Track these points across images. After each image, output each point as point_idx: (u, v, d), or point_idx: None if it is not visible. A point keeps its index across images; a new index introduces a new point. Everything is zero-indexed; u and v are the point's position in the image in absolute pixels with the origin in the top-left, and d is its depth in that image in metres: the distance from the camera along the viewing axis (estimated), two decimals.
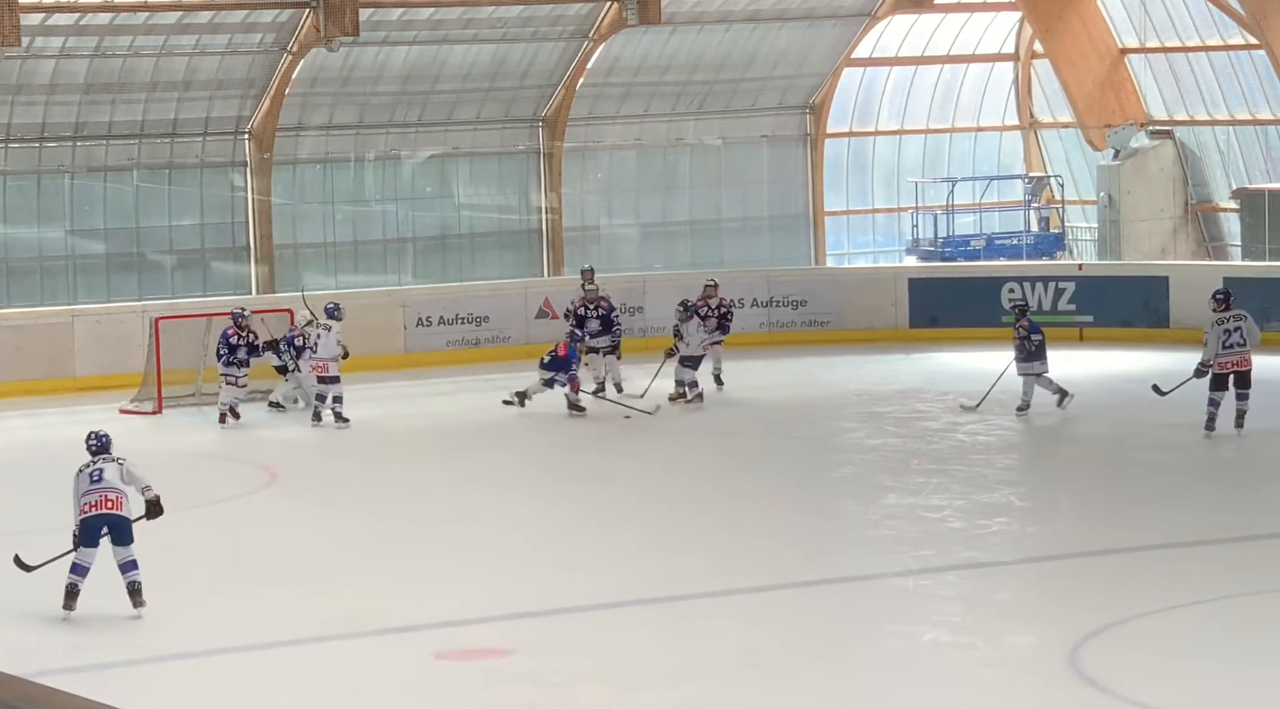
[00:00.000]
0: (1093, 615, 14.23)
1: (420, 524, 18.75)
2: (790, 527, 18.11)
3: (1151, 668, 13.09)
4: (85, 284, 31.20)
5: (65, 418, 25.56)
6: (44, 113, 30.65)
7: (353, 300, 28.97)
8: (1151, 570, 16.03)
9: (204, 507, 19.80)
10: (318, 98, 32.51)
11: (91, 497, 14.81)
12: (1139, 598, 14.88)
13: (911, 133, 37.95)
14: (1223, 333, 21.95)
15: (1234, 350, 21.92)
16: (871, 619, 14.65)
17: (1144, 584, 15.45)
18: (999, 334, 30.18)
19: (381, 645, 14.08)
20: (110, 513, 14.80)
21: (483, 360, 28.79)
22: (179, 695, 12.72)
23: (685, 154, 35.93)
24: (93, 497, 14.81)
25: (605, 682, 12.88)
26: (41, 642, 14.06)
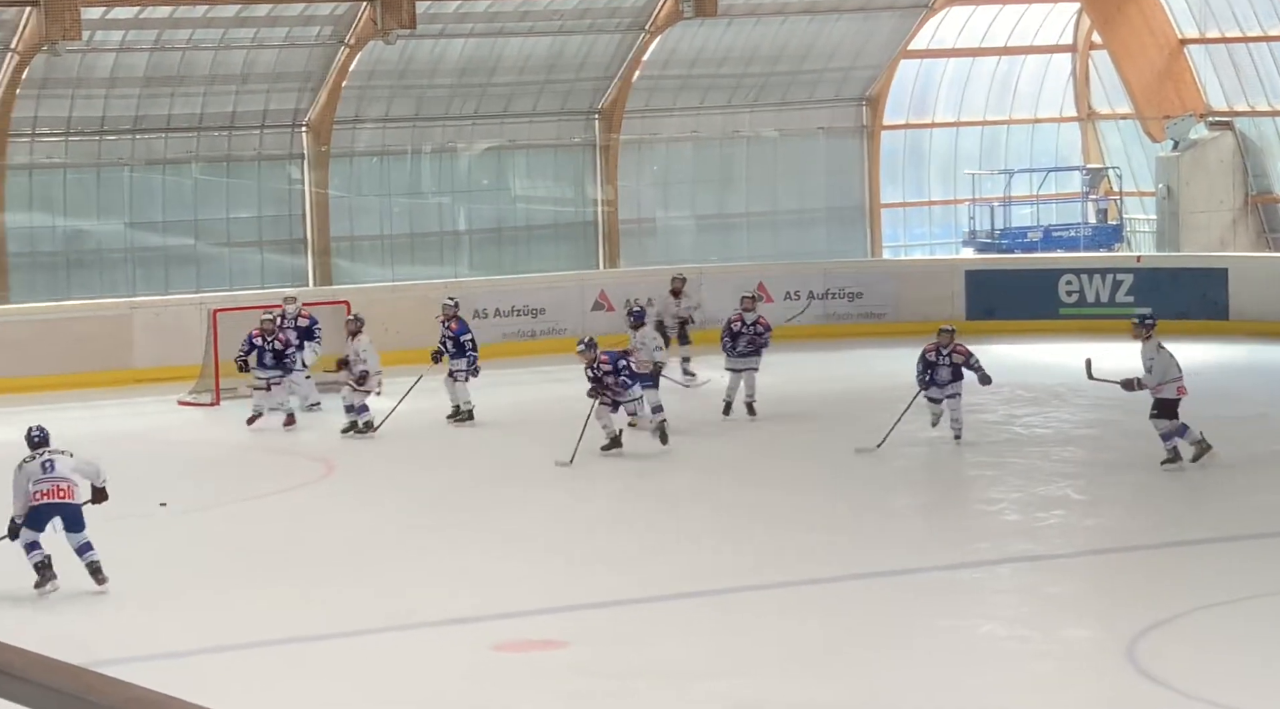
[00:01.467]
0: (1150, 609, 14.19)
1: (475, 517, 18.81)
2: (844, 519, 18.11)
3: (1210, 662, 13.05)
4: (144, 276, 31.35)
5: (124, 410, 25.75)
6: (104, 106, 30.82)
7: (408, 292, 29.08)
8: (1209, 564, 15.97)
9: (261, 498, 19.94)
10: (374, 90, 32.60)
11: (44, 486, 15.47)
12: (1197, 591, 14.83)
13: (968, 124, 37.82)
14: (1171, 355, 20.27)
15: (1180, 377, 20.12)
16: (926, 612, 14.65)
17: (1202, 578, 15.39)
18: (1056, 326, 30.18)
19: (441, 637, 14.17)
20: (63, 502, 15.48)
21: (538, 352, 28.86)
22: (239, 685, 12.80)
23: (741, 146, 35.90)
24: (45, 486, 15.47)
25: (660, 674, 12.92)
26: (98, 630, 14.16)
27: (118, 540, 17.83)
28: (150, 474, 21.59)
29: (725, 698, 12.29)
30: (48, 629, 13.95)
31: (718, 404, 23.89)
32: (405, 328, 27.08)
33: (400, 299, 29.03)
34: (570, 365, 26.32)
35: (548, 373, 26.79)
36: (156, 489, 20.59)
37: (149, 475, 21.49)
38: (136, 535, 18.15)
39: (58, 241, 30.87)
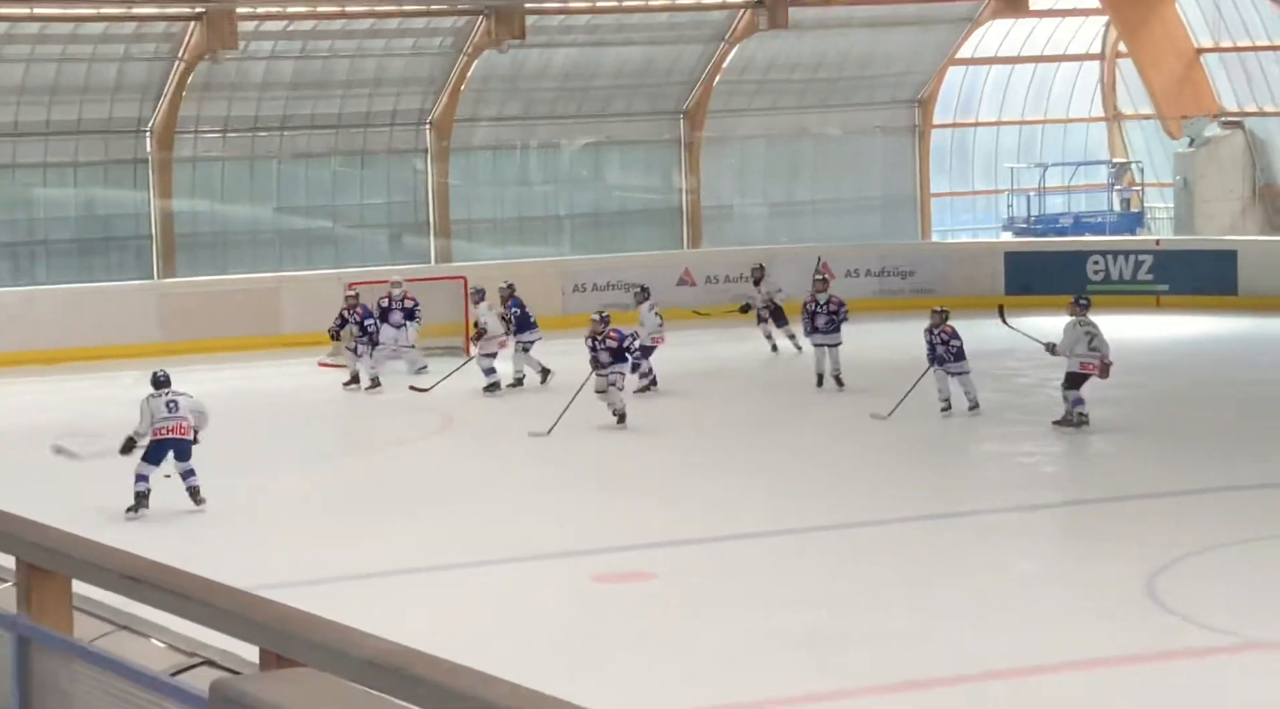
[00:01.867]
0: (1169, 549, 14.06)
1: (576, 463, 18.81)
2: (899, 470, 18.02)
3: (1223, 596, 12.92)
4: (289, 254, 31.49)
5: (273, 369, 25.91)
6: (256, 107, 30.96)
7: (518, 269, 29.09)
8: (1222, 509, 15.80)
9: (389, 447, 20.02)
10: (489, 93, 32.61)
11: (168, 423, 15.87)
12: (1211, 534, 14.67)
13: (1008, 124, 37.49)
14: (1085, 334, 19.94)
15: (1096, 353, 19.81)
16: (972, 551, 14.57)
17: (1216, 522, 15.22)
18: None
19: (545, 569, 14.18)
20: (180, 438, 15.96)
21: (631, 322, 28.75)
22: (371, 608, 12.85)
23: (808, 142, 35.70)
24: (169, 423, 15.88)
25: (742, 605, 12.88)
26: (254, 559, 14.26)
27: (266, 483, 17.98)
28: (295, 424, 21.73)
29: (802, 626, 12.23)
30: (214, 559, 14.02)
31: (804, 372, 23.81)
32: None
33: (510, 275, 29.01)
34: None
35: None
36: (302, 437, 20.73)
37: (294, 425, 21.63)
38: (281, 478, 18.29)
39: (216, 224, 31.06)
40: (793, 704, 10.77)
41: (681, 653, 11.73)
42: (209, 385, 24.40)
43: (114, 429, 17.52)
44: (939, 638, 11.94)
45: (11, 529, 5.39)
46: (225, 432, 21.00)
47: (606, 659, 11.62)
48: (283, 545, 15.00)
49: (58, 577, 5.15)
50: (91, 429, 18.84)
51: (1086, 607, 12.82)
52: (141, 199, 30.27)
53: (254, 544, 14.97)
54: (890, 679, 11.06)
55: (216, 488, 16.91)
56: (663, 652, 11.77)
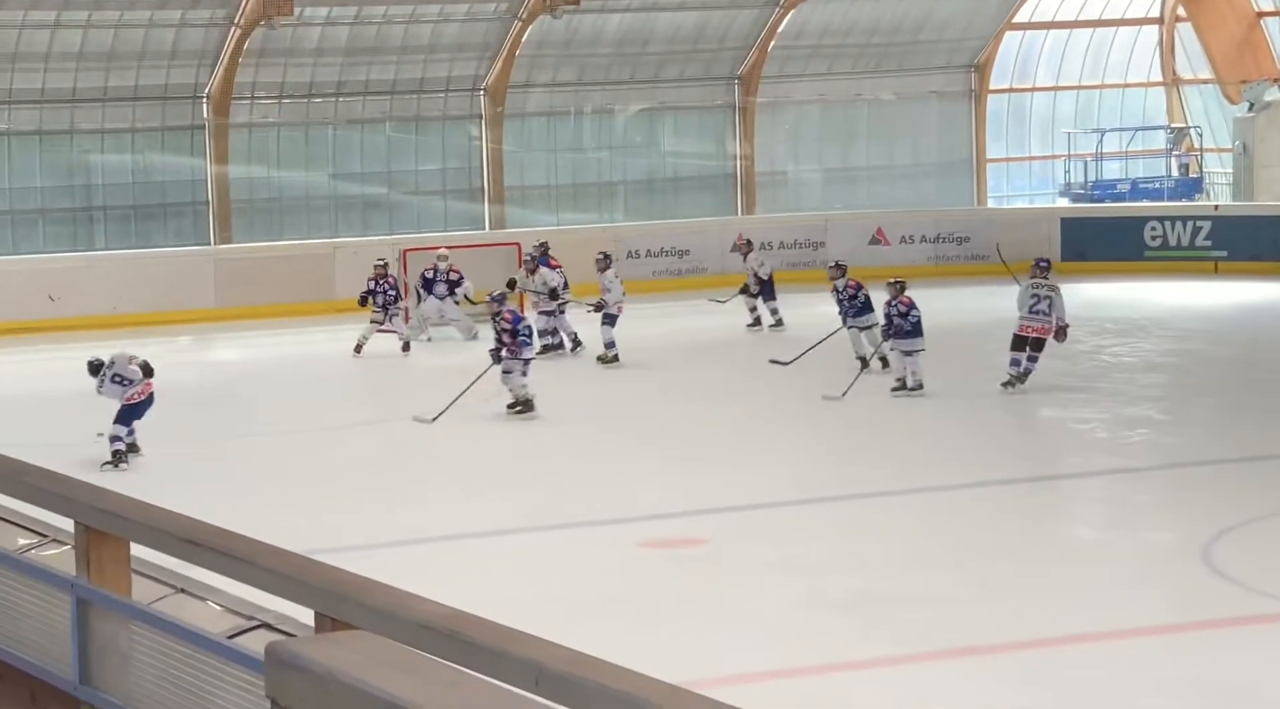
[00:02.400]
0: (1223, 517, 14.01)
1: (622, 430, 18.85)
2: (951, 436, 17.98)
3: (1275, 563, 12.86)
4: (344, 220, 31.63)
5: (327, 334, 26.03)
6: (311, 73, 31.05)
7: (571, 235, 29.11)
8: (1278, 478, 15.71)
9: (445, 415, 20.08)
10: (543, 59, 32.61)
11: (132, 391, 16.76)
12: (1267, 500, 14.61)
13: (1065, 89, 37.24)
14: (1031, 297, 20.12)
15: (1037, 317, 19.95)
16: (1026, 517, 14.55)
17: (1272, 489, 15.15)
18: (1141, 267, 29.73)
19: (596, 535, 14.24)
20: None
21: (684, 289, 28.83)
22: (421, 575, 12.93)
23: (863, 108, 35.57)
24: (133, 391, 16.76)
25: (791, 569, 12.91)
26: (310, 525, 14.36)
27: (325, 448, 18.10)
28: (348, 390, 21.85)
29: (851, 590, 12.26)
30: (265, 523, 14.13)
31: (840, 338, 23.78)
32: (568, 264, 27.09)
33: (564, 240, 29.06)
34: (703, 301, 26.33)
35: (693, 305, 26.76)
36: (354, 403, 20.84)
37: (347, 391, 21.75)
38: (333, 443, 18.40)
39: (272, 190, 31.20)
40: (843, 669, 10.80)
41: (730, 618, 11.77)
42: (264, 350, 24.65)
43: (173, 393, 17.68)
44: (990, 604, 11.94)
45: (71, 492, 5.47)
46: (279, 397, 21.17)
47: (655, 624, 11.68)
48: (335, 510, 15.10)
49: (117, 540, 5.22)
50: None
51: (1142, 574, 12.80)
52: (198, 165, 30.44)
53: (307, 509, 15.08)
54: (939, 645, 11.08)
55: (270, 452, 17.04)
56: (711, 617, 11.82)
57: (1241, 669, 10.68)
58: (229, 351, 25.46)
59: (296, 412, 20.03)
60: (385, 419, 19.73)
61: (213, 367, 24.36)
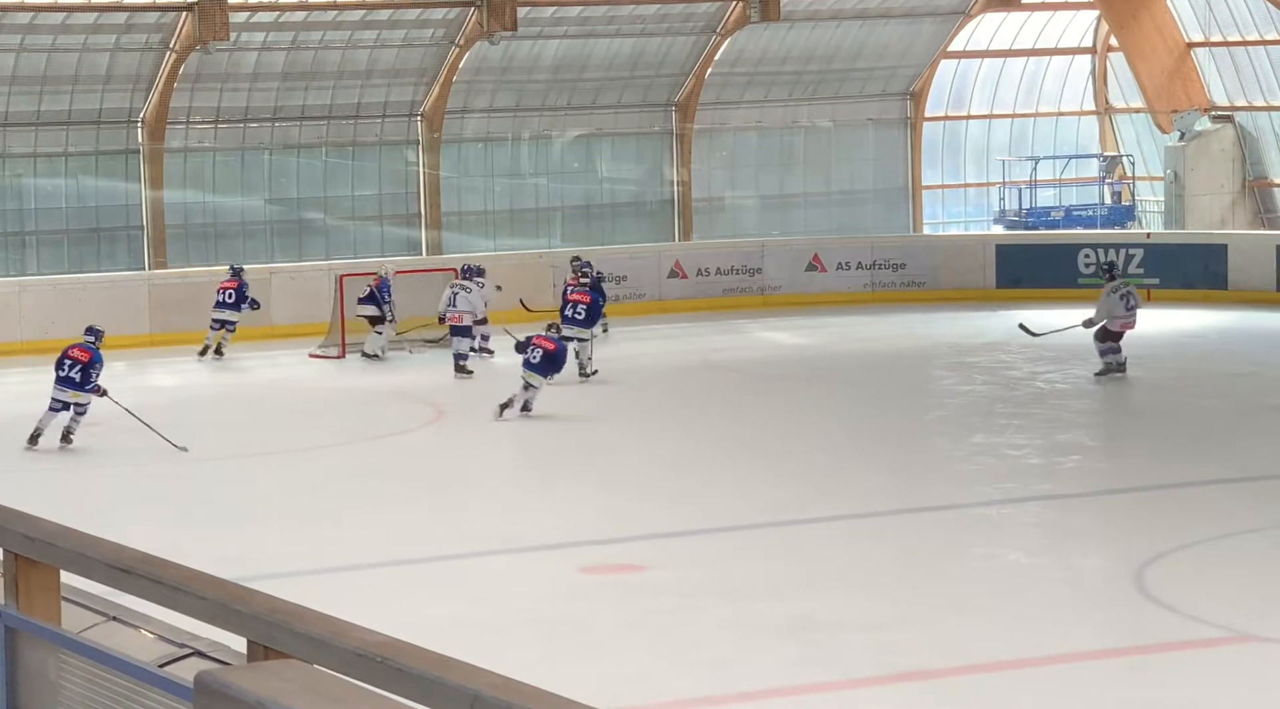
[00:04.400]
0: (1156, 542, 14.08)
1: (565, 456, 18.82)
2: (889, 461, 18.03)
3: (1207, 588, 12.94)
4: (280, 245, 31.48)
5: (263, 361, 25.89)
6: (248, 98, 30.93)
7: (509, 261, 29.09)
8: (1211, 502, 15.83)
9: (380, 438, 20.00)
10: (480, 84, 32.59)
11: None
12: (1199, 526, 14.70)
13: (1000, 117, 37.52)
14: (1122, 299, 22.48)
15: (1132, 314, 22.48)
16: (960, 542, 14.58)
17: (1204, 514, 15.25)
18: (1075, 294, 29.89)
19: (535, 561, 14.18)
20: None
21: (622, 314, 28.80)
22: (356, 598, 12.85)
23: (800, 135, 35.72)
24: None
25: (728, 593, 12.90)
26: (246, 552, 14.26)
27: (255, 474, 17.99)
28: (284, 415, 21.72)
29: (789, 615, 12.26)
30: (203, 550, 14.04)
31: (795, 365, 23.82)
32: (506, 289, 27.05)
33: (501, 266, 29.04)
34: (649, 325, 26.34)
35: (629, 331, 26.74)
36: (291, 429, 20.73)
37: (283, 416, 21.62)
38: (269, 469, 18.28)
39: (207, 215, 31.03)
40: (780, 695, 10.79)
41: (668, 644, 11.75)
42: (199, 376, 24.46)
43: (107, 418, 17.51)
44: (927, 630, 11.96)
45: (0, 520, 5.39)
46: (215, 423, 21.01)
47: (595, 651, 11.64)
48: (272, 537, 15.00)
49: (46, 568, 5.16)
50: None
51: (1076, 599, 12.85)
52: (133, 190, 30.25)
53: (243, 535, 14.97)
54: (878, 671, 11.08)
55: (206, 478, 16.92)
56: (649, 643, 11.79)
57: (1175, 694, 10.73)
58: (164, 377, 25.27)
59: (231, 438, 19.89)
60: (322, 445, 19.62)
61: (147, 392, 24.15)
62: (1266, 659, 11.26)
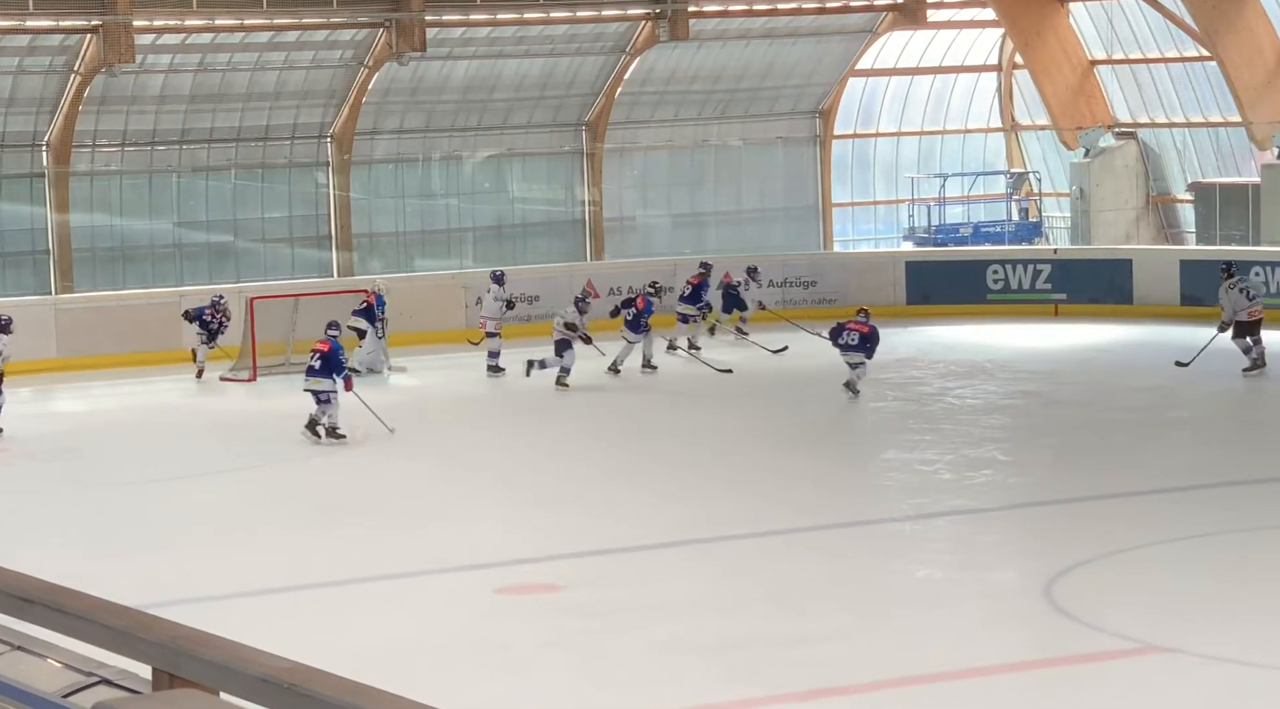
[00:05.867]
0: (1066, 555, 14.19)
1: (484, 475, 18.75)
2: (804, 478, 18.07)
3: (1117, 601, 13.05)
4: (190, 268, 31.24)
5: (173, 385, 25.66)
6: (155, 120, 30.69)
7: (420, 282, 28.99)
8: (1119, 515, 15.96)
9: (294, 460, 19.86)
10: (390, 105, 32.50)
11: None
12: (1108, 539, 14.82)
13: (908, 134, 37.81)
14: (1240, 291, 23.54)
15: (1256, 301, 23.62)
16: (874, 558, 14.64)
17: (1112, 527, 15.37)
18: (984, 310, 30.16)
19: (450, 582, 14.11)
20: None
21: (534, 335, 28.72)
22: (268, 623, 12.74)
23: (710, 153, 35.84)
24: None
25: (649, 613, 12.88)
26: (147, 576, 14.10)
27: (169, 498, 17.81)
28: (195, 440, 21.52)
29: (710, 633, 12.24)
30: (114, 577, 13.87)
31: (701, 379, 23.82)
32: (418, 312, 27.00)
33: (413, 287, 28.95)
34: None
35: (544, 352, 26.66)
36: (203, 453, 20.54)
37: (194, 441, 21.42)
38: (182, 494, 18.11)
39: (115, 239, 30.76)
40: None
41: (588, 664, 11.71)
42: (107, 401, 24.21)
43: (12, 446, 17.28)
44: (843, 645, 11.99)
45: None
46: (125, 448, 20.79)
47: (514, 672, 11.58)
48: (183, 562, 14.83)
49: None
50: None
51: (988, 613, 12.92)
52: (38, 214, 29.93)
53: (153, 561, 14.80)
54: (798, 687, 11.10)
55: (116, 504, 16.73)
56: (569, 663, 11.75)
57: (1086, 706, 10.81)
58: (71, 403, 24.99)
59: (141, 464, 19.69)
60: (234, 468, 19.46)
61: (54, 418, 23.87)
62: (1175, 670, 11.36)
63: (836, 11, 34.51)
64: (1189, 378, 23.62)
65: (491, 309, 25.64)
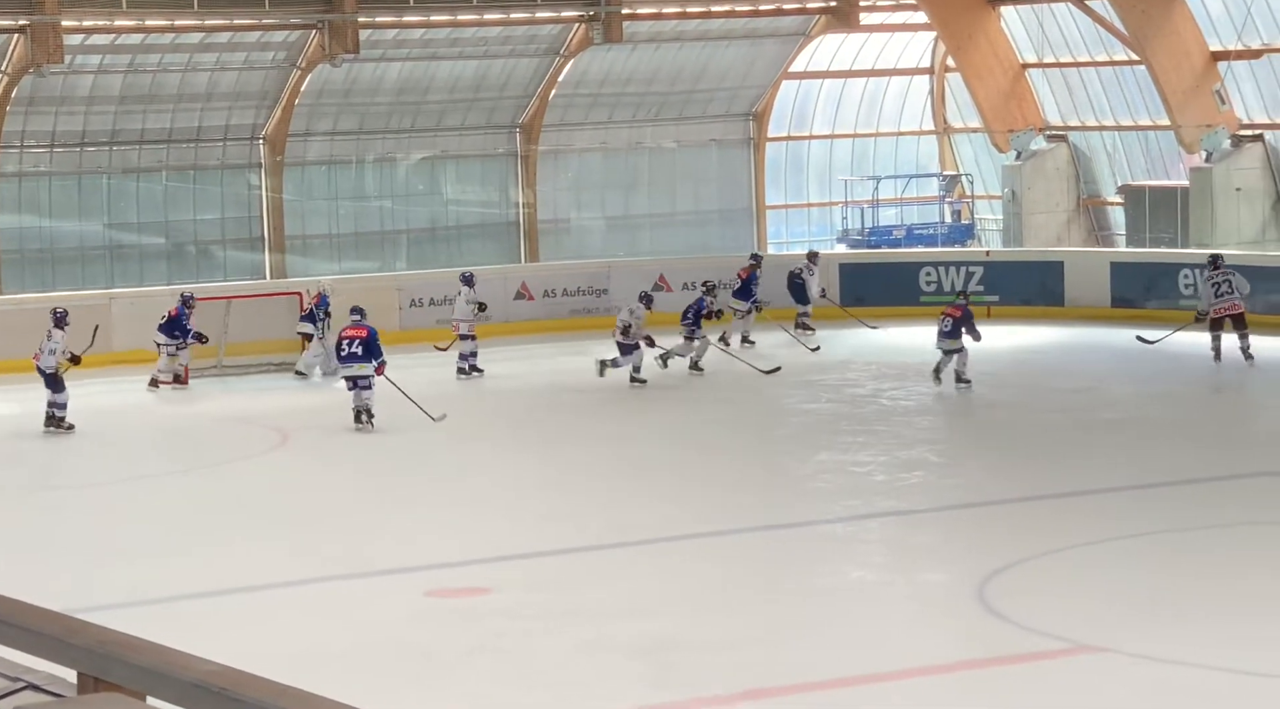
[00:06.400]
0: (998, 556, 14.27)
1: (415, 478, 18.71)
2: (737, 480, 18.10)
3: (1048, 601, 13.14)
4: (121, 270, 31.02)
5: (105, 387, 25.45)
6: (84, 121, 30.45)
7: (354, 284, 28.86)
8: (1051, 516, 16.06)
9: (224, 464, 19.76)
10: (323, 107, 32.37)
11: None
12: (1039, 540, 14.92)
13: (841, 137, 37.94)
14: (1212, 286, 24.11)
15: (1224, 299, 23.95)
16: (807, 560, 14.69)
17: (1044, 528, 15.47)
18: (917, 311, 30.28)
19: (380, 585, 14.07)
20: None
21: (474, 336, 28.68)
22: (200, 629, 12.67)
23: (644, 155, 35.87)
24: None
25: (579, 615, 12.88)
26: (79, 582, 14.00)
27: (100, 502, 17.68)
28: (126, 443, 21.38)
29: (637, 635, 12.26)
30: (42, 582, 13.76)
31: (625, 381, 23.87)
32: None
33: (347, 289, 28.80)
34: (495, 348, 26.31)
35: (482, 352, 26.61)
36: (133, 458, 20.40)
37: (127, 445, 21.28)
38: (111, 497, 17.99)
39: (44, 240, 30.51)
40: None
41: (516, 667, 11.70)
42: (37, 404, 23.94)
43: None
44: (773, 647, 12.03)
45: None
46: (55, 452, 20.62)
47: (441, 675, 11.56)
48: (114, 567, 14.73)
49: None
50: None
51: (920, 615, 12.98)
52: None
53: (84, 567, 14.70)
54: (727, 689, 11.12)
55: (48, 509, 16.60)
56: (497, 667, 11.73)
57: (1019, 706, 10.88)
58: (1, 406, 24.76)
59: (71, 466, 19.54)
60: (165, 472, 19.34)
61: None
62: (1106, 669, 11.45)
63: (770, 14, 34.61)
64: (1121, 379, 23.81)
65: (463, 311, 25.47)
